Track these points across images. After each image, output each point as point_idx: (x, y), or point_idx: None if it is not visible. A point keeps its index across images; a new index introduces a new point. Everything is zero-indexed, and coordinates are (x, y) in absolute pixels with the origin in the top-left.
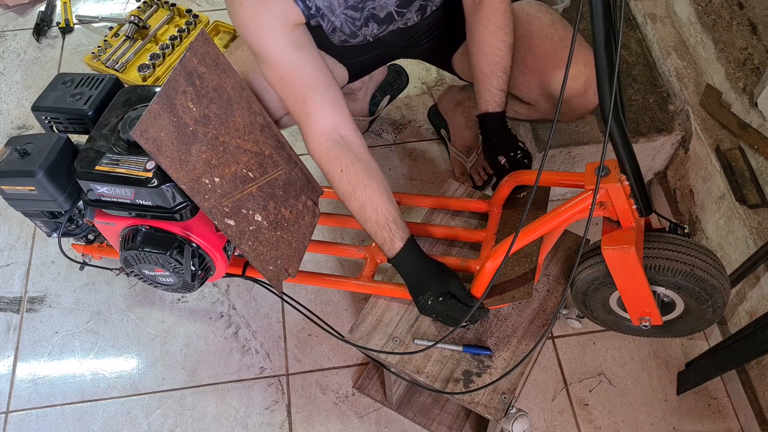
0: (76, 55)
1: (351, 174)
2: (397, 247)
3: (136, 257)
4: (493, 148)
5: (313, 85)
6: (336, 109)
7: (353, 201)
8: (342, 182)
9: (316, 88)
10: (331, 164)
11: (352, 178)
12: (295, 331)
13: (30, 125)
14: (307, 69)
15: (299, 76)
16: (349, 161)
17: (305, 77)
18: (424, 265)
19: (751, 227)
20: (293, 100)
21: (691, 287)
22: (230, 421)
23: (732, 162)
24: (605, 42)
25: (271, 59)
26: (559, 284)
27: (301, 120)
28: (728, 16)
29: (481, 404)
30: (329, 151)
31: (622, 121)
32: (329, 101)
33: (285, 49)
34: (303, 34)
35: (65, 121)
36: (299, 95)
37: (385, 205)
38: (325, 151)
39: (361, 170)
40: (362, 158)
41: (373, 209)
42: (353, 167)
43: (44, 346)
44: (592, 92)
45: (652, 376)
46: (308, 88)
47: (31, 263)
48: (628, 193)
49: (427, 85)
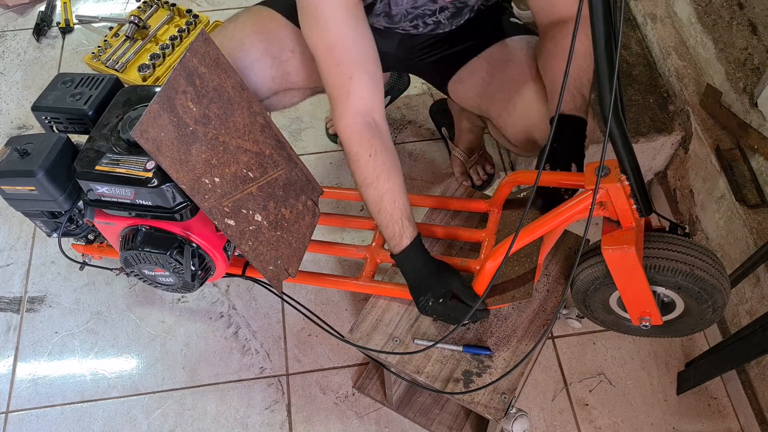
0: (76, 55)
1: (378, 161)
2: (404, 244)
3: (136, 257)
4: (571, 151)
5: (365, 63)
6: (377, 93)
7: (373, 189)
8: (368, 167)
9: (365, 67)
10: (361, 146)
11: (378, 165)
12: (295, 331)
13: (30, 125)
14: (362, 46)
15: (353, 52)
16: (379, 148)
17: (359, 54)
18: (426, 265)
19: (751, 227)
20: (337, 73)
21: (691, 287)
22: (230, 421)
23: (732, 162)
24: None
25: (327, 25)
26: (559, 284)
27: (340, 95)
28: (728, 17)
29: (481, 404)
30: (362, 132)
31: (623, 121)
32: (374, 83)
33: (345, 20)
34: (361, 10)
35: (65, 121)
36: (346, 70)
37: (403, 199)
38: (358, 132)
39: (388, 159)
40: (389, 148)
41: (392, 201)
42: (381, 155)
43: (44, 346)
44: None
45: (652, 376)
46: (359, 65)
47: (31, 263)
48: (628, 193)
49: (427, 85)
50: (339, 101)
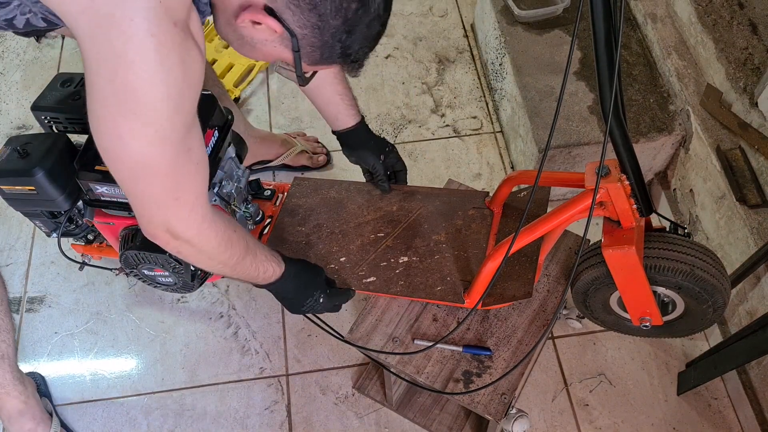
0: (76, 55)
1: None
2: (282, 267)
3: (135, 257)
4: (370, 151)
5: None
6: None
7: (248, 256)
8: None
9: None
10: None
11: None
12: (295, 332)
13: (30, 125)
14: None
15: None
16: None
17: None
18: (302, 269)
19: (751, 227)
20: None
21: (691, 287)
22: (230, 421)
23: (732, 162)
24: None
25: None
26: (560, 284)
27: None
28: (728, 16)
29: (481, 405)
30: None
31: (623, 120)
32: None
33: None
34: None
35: (65, 120)
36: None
37: (251, 236)
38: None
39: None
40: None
41: (255, 247)
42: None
43: (44, 347)
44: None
45: (653, 377)
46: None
47: (31, 263)
48: (628, 192)
49: (427, 85)
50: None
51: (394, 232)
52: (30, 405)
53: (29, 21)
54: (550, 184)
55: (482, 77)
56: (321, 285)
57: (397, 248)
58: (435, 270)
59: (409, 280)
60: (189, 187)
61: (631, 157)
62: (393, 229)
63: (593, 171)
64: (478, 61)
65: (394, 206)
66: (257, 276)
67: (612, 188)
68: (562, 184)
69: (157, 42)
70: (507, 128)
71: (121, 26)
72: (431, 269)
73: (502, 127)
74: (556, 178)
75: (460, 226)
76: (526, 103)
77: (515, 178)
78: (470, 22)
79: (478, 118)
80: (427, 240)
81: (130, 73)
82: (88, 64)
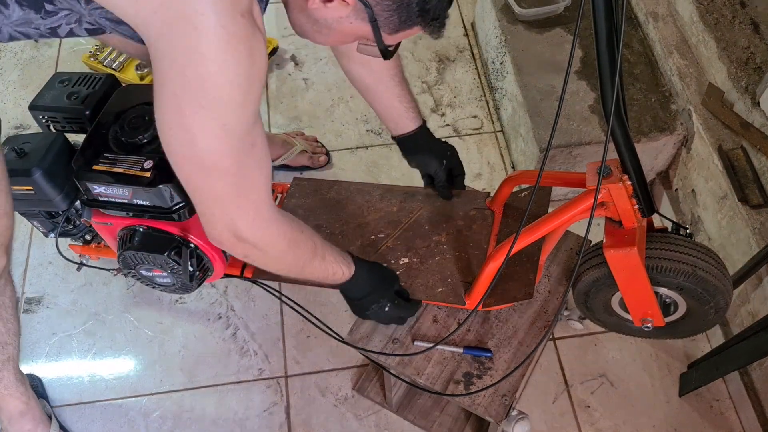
0: (74, 54)
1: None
2: (352, 268)
3: (133, 258)
4: (433, 156)
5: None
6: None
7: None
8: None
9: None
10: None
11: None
12: (294, 333)
13: (27, 125)
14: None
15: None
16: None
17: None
18: (371, 271)
19: (753, 227)
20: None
21: (693, 288)
22: (229, 422)
23: (734, 162)
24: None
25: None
26: (561, 285)
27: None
28: (730, 15)
29: (482, 406)
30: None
31: (624, 120)
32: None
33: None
34: None
35: (62, 120)
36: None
37: (322, 239)
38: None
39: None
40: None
41: (326, 246)
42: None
43: (42, 348)
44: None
45: (654, 378)
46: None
47: (29, 264)
48: (630, 193)
49: (427, 84)
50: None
51: (394, 232)
52: (31, 406)
53: (72, 30)
54: (551, 184)
55: (483, 76)
56: (389, 293)
57: (397, 249)
58: (436, 271)
59: (409, 282)
60: (253, 186)
61: (632, 156)
62: (393, 230)
63: (594, 171)
64: (478, 60)
65: (395, 207)
66: (326, 278)
67: (613, 188)
68: (563, 184)
69: (227, 34)
70: (507, 128)
71: (192, 21)
72: (432, 270)
73: (503, 126)
74: (557, 178)
75: (461, 227)
76: (527, 103)
77: (516, 178)
78: (470, 20)
79: (479, 118)
80: (427, 241)
81: (201, 66)
82: (159, 65)
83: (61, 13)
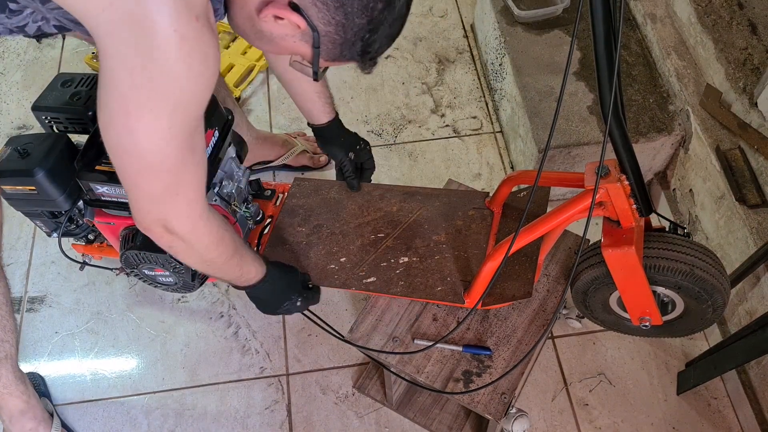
0: (76, 55)
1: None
2: (263, 269)
3: (136, 257)
4: (340, 147)
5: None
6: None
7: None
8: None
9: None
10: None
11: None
12: (295, 331)
13: (30, 125)
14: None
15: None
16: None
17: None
18: (284, 271)
19: (751, 227)
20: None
21: (691, 287)
22: (230, 420)
23: (732, 162)
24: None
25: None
26: (559, 284)
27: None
28: (728, 16)
29: (481, 404)
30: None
31: (622, 120)
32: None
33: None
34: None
35: (65, 120)
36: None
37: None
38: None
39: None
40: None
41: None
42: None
43: (44, 346)
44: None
45: (652, 376)
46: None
47: (31, 263)
48: (628, 192)
49: (427, 86)
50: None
51: (394, 232)
52: (31, 405)
53: (40, 28)
54: (549, 184)
55: (482, 77)
56: (298, 287)
57: (397, 248)
58: (435, 270)
59: (409, 281)
60: (190, 184)
61: (630, 157)
62: (393, 230)
63: (593, 171)
64: (477, 61)
65: (395, 207)
66: (240, 277)
67: (611, 188)
68: (561, 184)
69: (180, 37)
70: (507, 128)
71: (143, 22)
72: (431, 269)
73: (502, 127)
74: (556, 178)
75: (460, 227)
76: (526, 103)
77: (515, 178)
78: (470, 22)
79: (478, 118)
80: (427, 240)
81: (152, 69)
82: (107, 64)
83: (26, 11)
